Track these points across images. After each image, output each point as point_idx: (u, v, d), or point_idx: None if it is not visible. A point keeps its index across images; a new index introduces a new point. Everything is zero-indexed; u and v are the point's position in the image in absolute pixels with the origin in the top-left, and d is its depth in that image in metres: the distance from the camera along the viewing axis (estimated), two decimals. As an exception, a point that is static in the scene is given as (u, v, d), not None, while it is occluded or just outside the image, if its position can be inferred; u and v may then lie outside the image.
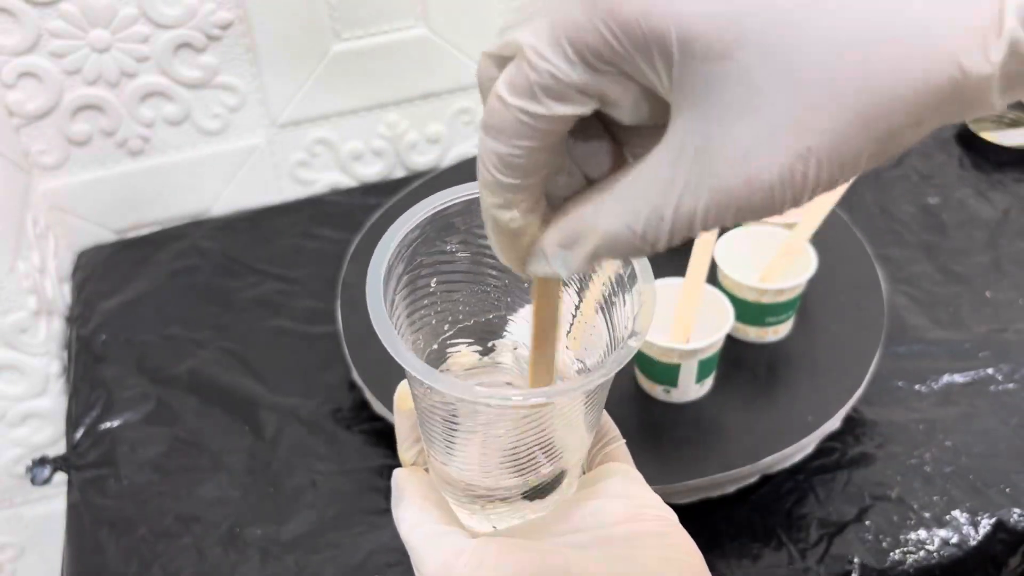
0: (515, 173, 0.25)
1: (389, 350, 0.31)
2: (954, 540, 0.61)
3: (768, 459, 0.62)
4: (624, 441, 0.38)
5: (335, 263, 0.81)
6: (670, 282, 0.67)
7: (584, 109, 0.24)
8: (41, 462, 0.72)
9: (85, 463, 0.69)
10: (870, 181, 0.91)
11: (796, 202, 0.23)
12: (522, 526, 0.36)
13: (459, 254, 0.35)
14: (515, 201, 0.26)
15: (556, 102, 0.24)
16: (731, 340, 0.71)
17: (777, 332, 0.71)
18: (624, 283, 0.33)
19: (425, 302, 0.36)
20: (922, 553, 0.60)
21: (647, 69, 0.23)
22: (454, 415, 0.33)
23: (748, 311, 0.69)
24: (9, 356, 0.76)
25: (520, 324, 0.38)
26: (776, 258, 0.70)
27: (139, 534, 0.64)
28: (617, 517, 0.34)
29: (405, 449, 0.38)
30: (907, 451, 0.66)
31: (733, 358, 0.70)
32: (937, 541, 0.61)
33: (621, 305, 0.33)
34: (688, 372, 0.65)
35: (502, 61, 0.25)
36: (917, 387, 0.71)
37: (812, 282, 0.71)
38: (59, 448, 0.78)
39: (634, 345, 0.31)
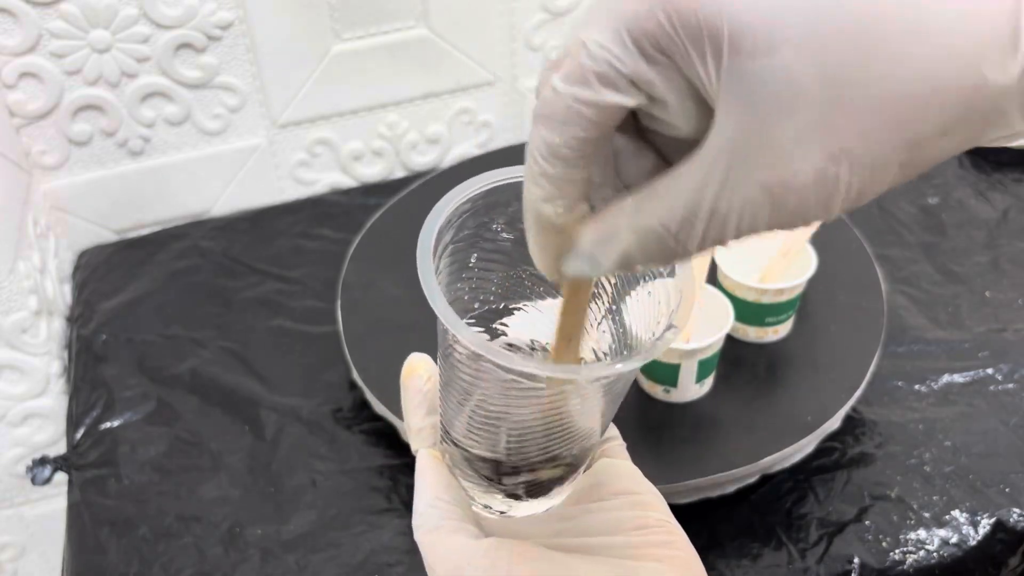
0: (562, 164, 0.26)
1: (441, 315, 0.31)
2: (954, 540, 0.61)
3: (768, 459, 0.62)
4: (623, 441, 0.39)
5: (335, 263, 0.81)
6: (663, 284, 0.67)
7: (632, 100, 0.25)
8: (42, 462, 0.72)
9: (85, 463, 0.70)
10: (870, 181, 0.91)
11: (827, 208, 0.24)
12: (531, 523, 0.36)
13: (503, 234, 0.35)
14: (559, 195, 0.27)
15: (607, 89, 0.25)
16: (731, 340, 0.71)
17: (777, 332, 0.71)
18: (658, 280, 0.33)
19: (463, 275, 0.36)
20: (922, 553, 0.60)
21: (698, 62, 0.24)
22: (481, 393, 0.33)
23: (748, 311, 0.69)
24: (10, 356, 0.76)
25: (541, 315, 0.38)
26: (776, 258, 0.70)
27: (139, 534, 0.64)
28: (623, 524, 0.35)
29: (411, 413, 0.39)
30: (906, 451, 0.66)
31: (733, 358, 0.70)
32: (937, 541, 0.61)
33: (654, 303, 0.34)
34: (688, 372, 0.65)
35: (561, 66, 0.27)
36: (916, 387, 0.71)
37: (812, 282, 0.72)
38: (60, 448, 0.78)
39: (671, 337, 0.31)
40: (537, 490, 0.37)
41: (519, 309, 0.38)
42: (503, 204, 0.35)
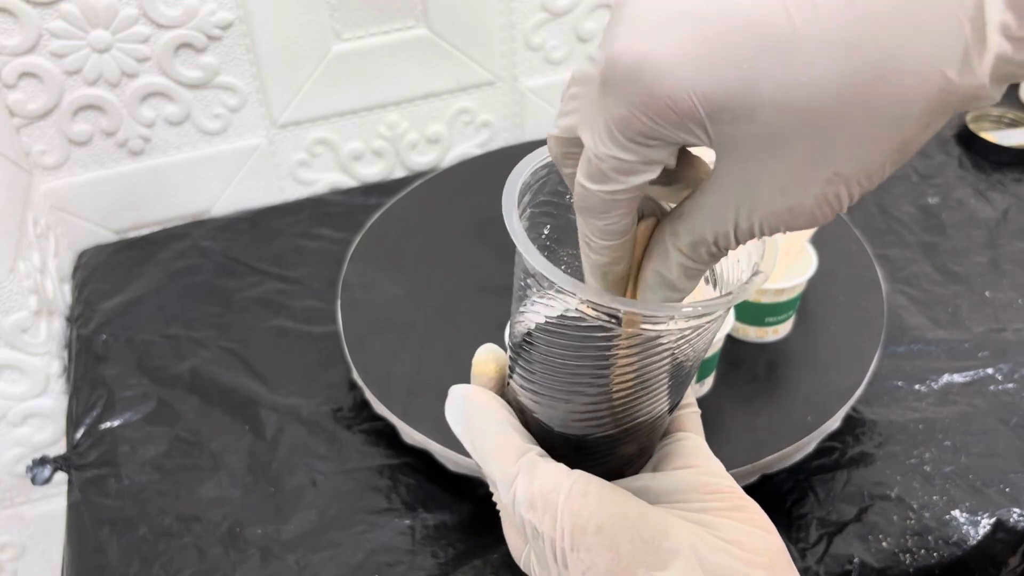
0: (614, 236, 0.30)
1: (529, 258, 0.32)
2: (954, 540, 0.61)
3: (768, 459, 0.62)
4: (698, 410, 0.41)
5: (335, 263, 0.81)
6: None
7: (652, 174, 0.28)
8: (41, 462, 0.72)
9: (86, 463, 0.70)
10: (870, 181, 0.91)
11: (837, 213, 0.27)
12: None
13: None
14: (619, 258, 0.31)
15: (627, 176, 0.28)
16: (731, 340, 0.71)
17: (777, 332, 0.71)
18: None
19: (535, 246, 0.36)
20: (922, 553, 0.60)
21: (688, 137, 0.26)
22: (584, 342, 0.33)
23: (748, 311, 0.69)
24: (10, 356, 0.76)
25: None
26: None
27: (140, 533, 0.64)
28: (696, 489, 0.36)
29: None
30: (906, 451, 0.66)
31: (733, 358, 0.70)
32: (937, 541, 0.61)
33: (734, 261, 0.35)
34: (688, 372, 0.65)
35: (565, 140, 0.30)
36: (916, 387, 0.71)
37: (812, 282, 0.72)
38: (60, 448, 0.78)
39: (759, 281, 0.33)
40: (609, 474, 0.37)
41: None
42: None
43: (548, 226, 0.36)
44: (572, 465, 0.36)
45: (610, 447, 0.37)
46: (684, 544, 0.33)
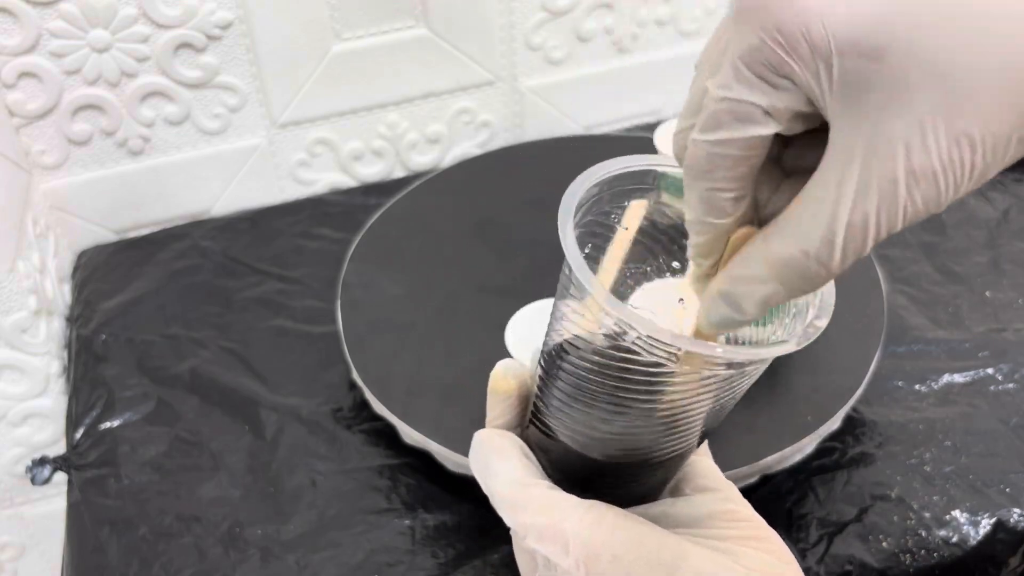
0: (710, 210, 0.28)
1: (581, 277, 0.30)
2: (954, 540, 0.61)
3: (768, 459, 0.62)
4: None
5: (335, 263, 0.81)
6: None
7: (767, 129, 0.26)
8: (41, 462, 0.72)
9: (85, 463, 0.70)
10: (870, 181, 0.91)
11: (957, 189, 0.25)
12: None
13: (619, 225, 0.35)
14: (711, 250, 0.29)
15: (742, 123, 0.26)
16: (731, 340, 0.71)
17: (777, 332, 0.71)
18: None
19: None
20: (922, 553, 0.60)
21: (812, 78, 0.25)
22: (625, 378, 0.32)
23: (748, 311, 0.69)
24: (10, 356, 0.76)
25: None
26: (776, 258, 0.70)
27: (139, 534, 0.64)
28: (714, 517, 0.35)
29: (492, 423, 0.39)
30: (907, 451, 0.66)
31: (733, 358, 0.70)
32: (937, 541, 0.61)
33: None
34: (688, 372, 0.65)
35: (687, 133, 0.28)
36: (917, 387, 0.71)
37: (812, 282, 0.71)
38: (59, 448, 0.78)
39: (821, 325, 0.31)
40: (630, 500, 0.36)
41: None
42: (627, 194, 0.34)
43: (589, 245, 0.35)
44: (597, 488, 0.35)
45: (636, 475, 0.35)
46: (703, 572, 0.32)
